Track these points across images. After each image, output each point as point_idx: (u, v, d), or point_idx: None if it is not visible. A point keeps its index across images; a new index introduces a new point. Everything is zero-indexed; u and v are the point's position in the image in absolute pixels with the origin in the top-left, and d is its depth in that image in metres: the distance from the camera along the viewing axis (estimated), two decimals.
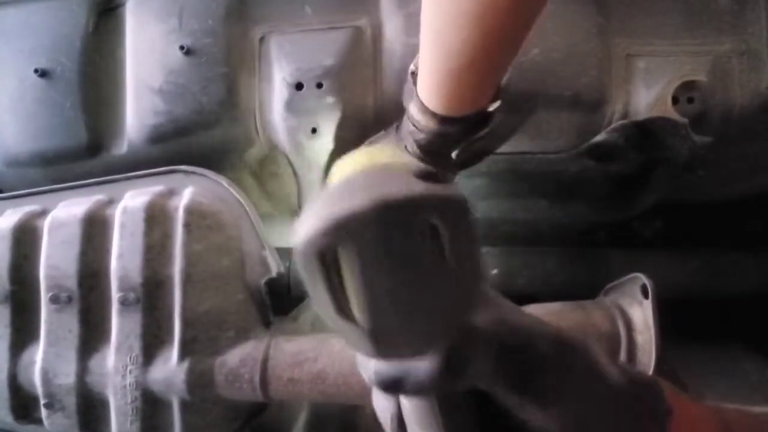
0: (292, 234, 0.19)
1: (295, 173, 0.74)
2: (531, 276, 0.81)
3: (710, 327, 0.86)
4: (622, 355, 0.52)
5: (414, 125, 0.54)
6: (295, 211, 0.83)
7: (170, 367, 0.54)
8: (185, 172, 0.60)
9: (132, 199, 0.57)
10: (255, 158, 0.72)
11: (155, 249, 0.55)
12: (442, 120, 0.51)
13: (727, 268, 0.82)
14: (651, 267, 0.63)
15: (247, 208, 0.59)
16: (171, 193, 0.58)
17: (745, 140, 0.67)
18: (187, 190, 0.58)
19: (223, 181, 0.60)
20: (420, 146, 0.56)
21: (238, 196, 0.59)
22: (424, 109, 0.52)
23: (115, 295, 0.55)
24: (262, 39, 0.66)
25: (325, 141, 0.66)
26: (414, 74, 0.54)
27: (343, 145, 0.67)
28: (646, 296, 0.52)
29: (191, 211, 0.56)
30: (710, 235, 0.87)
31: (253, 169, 0.74)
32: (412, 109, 0.53)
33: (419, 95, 0.52)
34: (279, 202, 0.81)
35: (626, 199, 0.77)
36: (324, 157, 0.69)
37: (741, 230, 0.88)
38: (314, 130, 0.65)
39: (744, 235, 0.87)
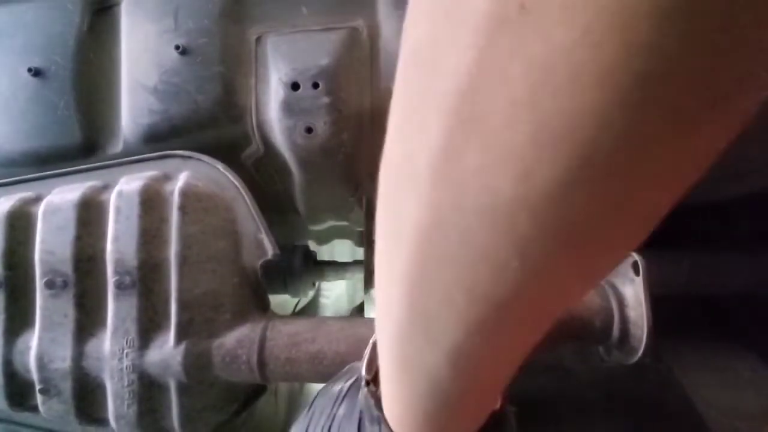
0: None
1: (291, 173, 0.74)
2: None
3: (702, 325, 0.87)
4: (615, 330, 0.53)
5: None
6: (292, 211, 0.82)
7: (167, 350, 0.54)
8: (181, 156, 0.61)
9: (127, 184, 0.57)
10: (251, 158, 0.72)
11: (151, 232, 0.55)
12: None
13: (719, 267, 0.83)
14: (644, 265, 0.63)
15: (243, 191, 0.59)
16: (166, 177, 0.59)
17: (737, 142, 0.68)
18: (183, 174, 0.58)
19: (219, 165, 0.60)
20: None
21: (233, 179, 0.59)
22: None
23: (110, 278, 0.54)
24: (258, 39, 0.66)
25: (321, 141, 0.67)
26: (371, 384, 0.34)
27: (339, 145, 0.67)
28: (637, 273, 0.53)
29: (187, 194, 0.56)
30: (702, 235, 0.88)
31: (249, 169, 0.73)
32: None
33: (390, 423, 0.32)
34: (275, 202, 0.81)
35: None
36: (320, 158, 0.69)
37: (732, 230, 0.89)
38: (310, 130, 0.65)
39: (735, 235, 0.88)
